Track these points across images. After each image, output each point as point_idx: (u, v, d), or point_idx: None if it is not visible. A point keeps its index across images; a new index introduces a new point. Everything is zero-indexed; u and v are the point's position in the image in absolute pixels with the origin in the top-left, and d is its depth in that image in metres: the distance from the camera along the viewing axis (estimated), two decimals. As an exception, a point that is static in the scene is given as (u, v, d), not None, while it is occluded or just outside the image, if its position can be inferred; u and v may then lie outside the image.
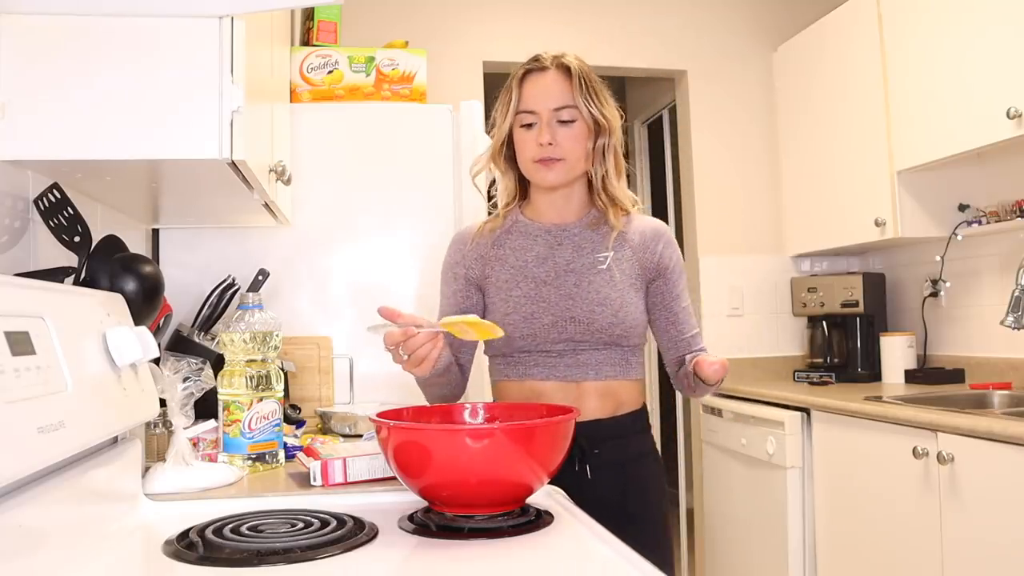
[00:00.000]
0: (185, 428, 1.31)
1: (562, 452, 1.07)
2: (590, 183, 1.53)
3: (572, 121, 1.46)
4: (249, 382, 1.43)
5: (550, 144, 1.44)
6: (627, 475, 1.47)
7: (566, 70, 1.47)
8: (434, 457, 1.02)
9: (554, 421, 1.09)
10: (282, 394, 1.49)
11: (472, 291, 1.54)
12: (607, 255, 1.50)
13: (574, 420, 1.09)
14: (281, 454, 1.46)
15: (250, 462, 1.41)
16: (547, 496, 1.18)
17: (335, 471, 1.27)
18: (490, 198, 1.73)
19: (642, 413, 1.54)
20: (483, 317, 1.55)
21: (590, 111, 1.45)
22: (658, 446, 1.63)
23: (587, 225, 1.53)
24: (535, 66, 1.49)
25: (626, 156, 1.57)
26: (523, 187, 1.57)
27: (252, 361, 1.45)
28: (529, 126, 1.47)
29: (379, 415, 1.10)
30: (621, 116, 1.52)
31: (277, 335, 1.48)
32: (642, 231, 1.54)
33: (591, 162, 1.49)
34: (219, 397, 1.43)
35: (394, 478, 1.14)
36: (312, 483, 1.27)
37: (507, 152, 1.53)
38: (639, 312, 1.50)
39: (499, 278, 1.52)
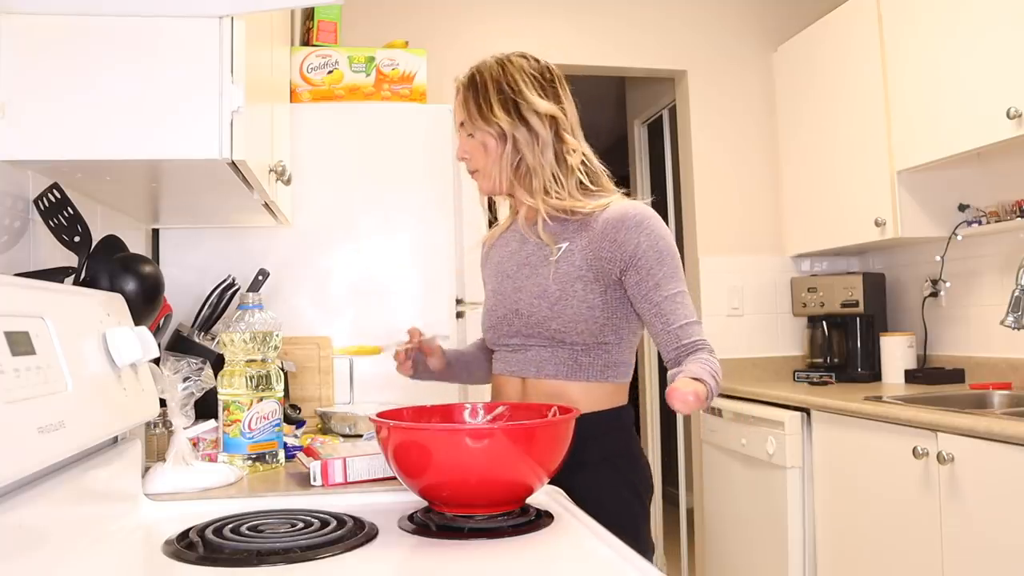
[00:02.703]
0: (185, 428, 1.31)
1: (562, 452, 1.07)
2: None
3: (471, 135, 1.48)
4: (249, 382, 1.43)
5: (464, 158, 1.50)
6: (572, 482, 1.26)
7: (459, 86, 1.50)
8: (434, 457, 1.02)
9: (554, 421, 1.09)
10: (282, 394, 1.49)
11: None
12: (561, 246, 1.42)
13: (574, 420, 1.09)
14: (281, 454, 1.46)
15: (250, 462, 1.41)
16: (547, 496, 1.18)
17: (335, 471, 1.27)
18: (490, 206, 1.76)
19: (596, 417, 1.39)
20: None
21: (474, 124, 1.45)
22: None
23: (553, 218, 1.47)
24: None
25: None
26: None
27: (252, 361, 1.44)
28: None
29: (379, 415, 1.10)
30: (553, 116, 1.43)
31: (277, 335, 1.48)
32: (607, 219, 1.41)
33: (512, 172, 1.45)
34: (219, 397, 1.43)
35: (394, 478, 1.14)
36: (312, 483, 1.27)
37: None
38: (584, 307, 1.39)
39: (486, 275, 1.59)
